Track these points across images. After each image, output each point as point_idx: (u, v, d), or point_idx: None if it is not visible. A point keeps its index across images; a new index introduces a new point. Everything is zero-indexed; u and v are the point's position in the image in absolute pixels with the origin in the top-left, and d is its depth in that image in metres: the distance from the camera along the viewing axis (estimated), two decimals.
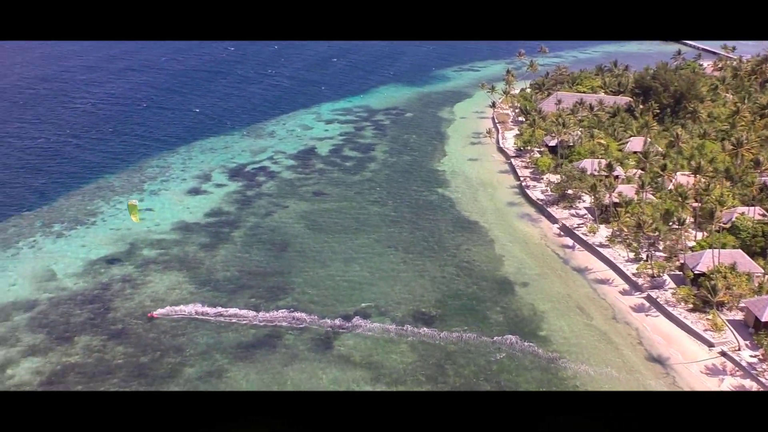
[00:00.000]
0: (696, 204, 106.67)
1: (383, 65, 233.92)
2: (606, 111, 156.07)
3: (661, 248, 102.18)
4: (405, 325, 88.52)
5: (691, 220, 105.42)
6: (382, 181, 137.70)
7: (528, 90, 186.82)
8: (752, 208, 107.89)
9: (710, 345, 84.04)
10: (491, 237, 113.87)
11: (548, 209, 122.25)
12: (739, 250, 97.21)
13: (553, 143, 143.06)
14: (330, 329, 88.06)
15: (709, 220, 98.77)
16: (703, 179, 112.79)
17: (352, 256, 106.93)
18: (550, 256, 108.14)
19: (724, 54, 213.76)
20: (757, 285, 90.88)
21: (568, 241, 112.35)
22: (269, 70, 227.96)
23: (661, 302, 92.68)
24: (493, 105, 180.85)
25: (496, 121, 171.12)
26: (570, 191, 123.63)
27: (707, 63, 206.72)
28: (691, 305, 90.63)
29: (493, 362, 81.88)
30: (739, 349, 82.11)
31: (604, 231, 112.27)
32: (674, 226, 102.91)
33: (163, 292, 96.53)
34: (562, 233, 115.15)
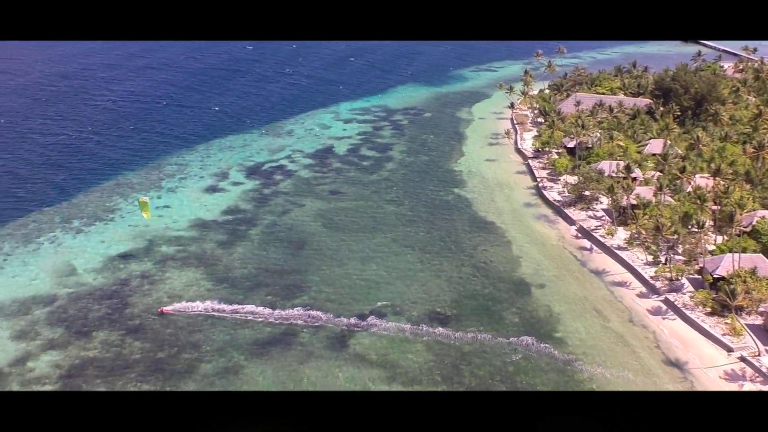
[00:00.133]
0: (715, 207, 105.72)
1: (401, 65, 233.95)
2: (626, 113, 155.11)
3: (679, 251, 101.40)
4: (421, 325, 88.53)
5: (711, 223, 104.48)
6: (400, 181, 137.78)
7: (546, 91, 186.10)
8: None
9: (729, 350, 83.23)
10: (508, 238, 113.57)
11: (565, 211, 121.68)
12: (760, 254, 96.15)
13: (571, 145, 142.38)
14: (346, 328, 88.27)
15: (729, 224, 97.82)
16: (722, 182, 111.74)
17: (368, 255, 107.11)
18: (567, 257, 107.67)
19: (745, 55, 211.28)
20: None
21: (586, 243, 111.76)
22: (287, 69, 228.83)
23: (679, 306, 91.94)
24: (512, 106, 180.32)
25: (515, 122, 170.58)
26: (587, 193, 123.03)
27: (728, 65, 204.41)
28: (709, 309, 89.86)
29: (509, 363, 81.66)
30: (759, 355, 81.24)
31: (622, 233, 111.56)
32: (693, 229, 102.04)
33: (181, 289, 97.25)
34: (580, 235, 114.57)
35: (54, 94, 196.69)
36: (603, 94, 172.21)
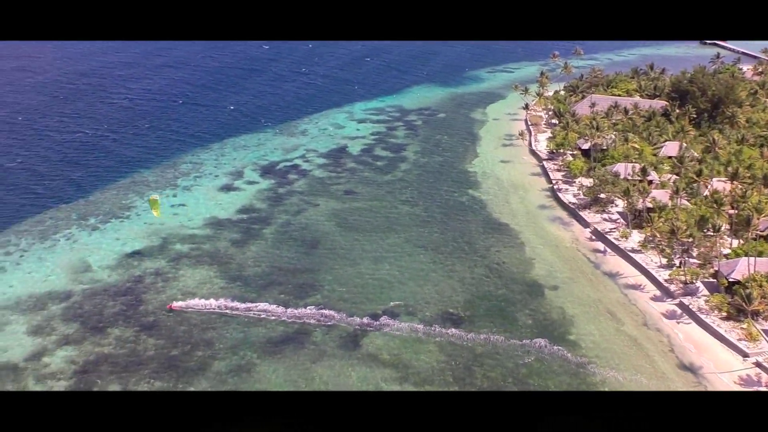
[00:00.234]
0: (732, 211, 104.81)
1: (416, 65, 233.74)
2: (641, 115, 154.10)
3: (694, 255, 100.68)
4: (433, 326, 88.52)
5: (727, 227, 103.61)
6: (413, 181, 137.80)
7: (562, 92, 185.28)
8: None
9: (745, 355, 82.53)
10: (522, 239, 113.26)
11: (580, 213, 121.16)
12: None
13: (586, 146, 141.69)
14: (358, 327, 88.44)
15: (746, 228, 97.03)
16: (740, 186, 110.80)
17: (381, 255, 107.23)
18: (581, 260, 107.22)
19: (765, 58, 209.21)
20: None
21: (600, 245, 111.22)
22: (303, 68, 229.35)
23: (694, 309, 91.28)
24: (526, 107, 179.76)
25: (529, 123, 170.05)
26: (602, 195, 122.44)
27: (747, 67, 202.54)
28: (724, 313, 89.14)
29: (522, 365, 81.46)
30: None
31: (637, 236, 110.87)
32: (709, 232, 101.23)
33: (194, 287, 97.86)
34: (594, 237, 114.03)
35: (72, 92, 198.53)
36: (619, 95, 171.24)
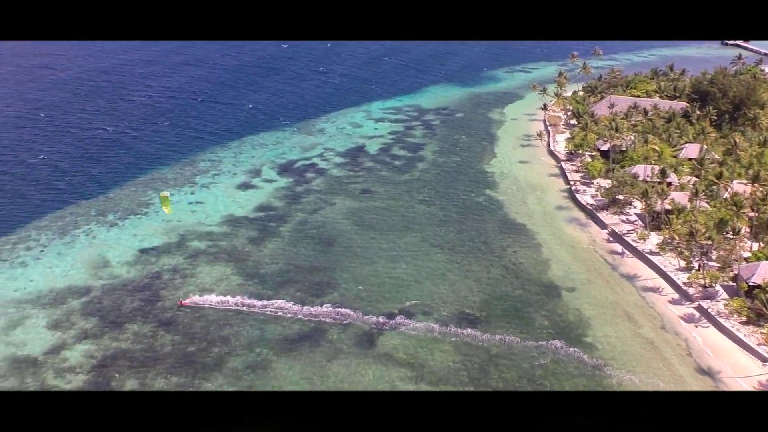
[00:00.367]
0: (753, 214, 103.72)
1: (434, 65, 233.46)
2: (661, 116, 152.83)
3: (714, 258, 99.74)
4: (449, 326, 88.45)
5: (747, 230, 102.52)
6: (431, 181, 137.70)
7: (580, 93, 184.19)
8: None
9: (764, 360, 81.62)
10: (539, 240, 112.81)
11: (598, 214, 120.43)
12: None
13: (605, 147, 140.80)
14: (374, 326, 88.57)
15: (766, 231, 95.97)
16: (761, 188, 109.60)
17: (398, 255, 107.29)
18: (598, 261, 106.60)
19: None
20: None
21: (617, 247, 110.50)
22: (321, 67, 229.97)
23: (713, 313, 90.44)
24: (545, 107, 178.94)
25: (547, 123, 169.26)
26: (621, 197, 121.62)
27: None
28: (744, 318, 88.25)
29: (537, 367, 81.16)
30: None
31: (655, 238, 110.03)
32: (729, 235, 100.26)
33: (211, 283, 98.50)
34: (611, 239, 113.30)
35: (93, 89, 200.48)
36: (638, 96, 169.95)
